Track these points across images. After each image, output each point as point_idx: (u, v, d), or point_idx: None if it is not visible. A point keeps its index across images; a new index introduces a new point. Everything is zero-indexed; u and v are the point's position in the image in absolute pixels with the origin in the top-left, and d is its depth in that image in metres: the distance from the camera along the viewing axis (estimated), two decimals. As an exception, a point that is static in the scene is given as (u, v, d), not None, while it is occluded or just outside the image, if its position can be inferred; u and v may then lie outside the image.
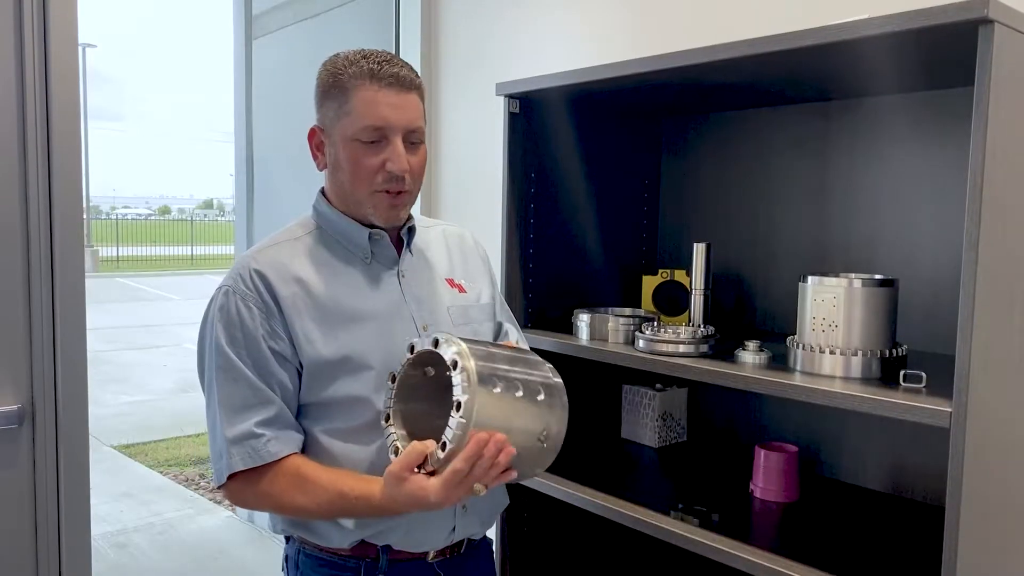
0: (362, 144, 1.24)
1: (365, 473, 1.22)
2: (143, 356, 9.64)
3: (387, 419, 1.18)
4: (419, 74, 1.29)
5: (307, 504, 1.20)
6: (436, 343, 1.12)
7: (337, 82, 1.25)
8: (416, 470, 1.09)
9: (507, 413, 1.10)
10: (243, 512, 4.32)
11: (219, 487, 1.23)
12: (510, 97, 1.70)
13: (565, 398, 1.20)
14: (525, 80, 1.65)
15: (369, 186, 1.26)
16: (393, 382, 1.19)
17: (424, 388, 1.21)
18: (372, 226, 1.31)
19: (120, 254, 24.96)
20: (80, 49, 1.76)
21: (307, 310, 1.24)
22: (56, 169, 1.65)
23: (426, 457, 1.08)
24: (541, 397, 1.15)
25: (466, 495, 1.09)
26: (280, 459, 1.20)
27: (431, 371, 1.19)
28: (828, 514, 1.51)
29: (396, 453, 1.14)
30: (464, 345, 1.10)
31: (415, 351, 1.17)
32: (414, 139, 1.26)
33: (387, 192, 1.26)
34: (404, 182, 1.25)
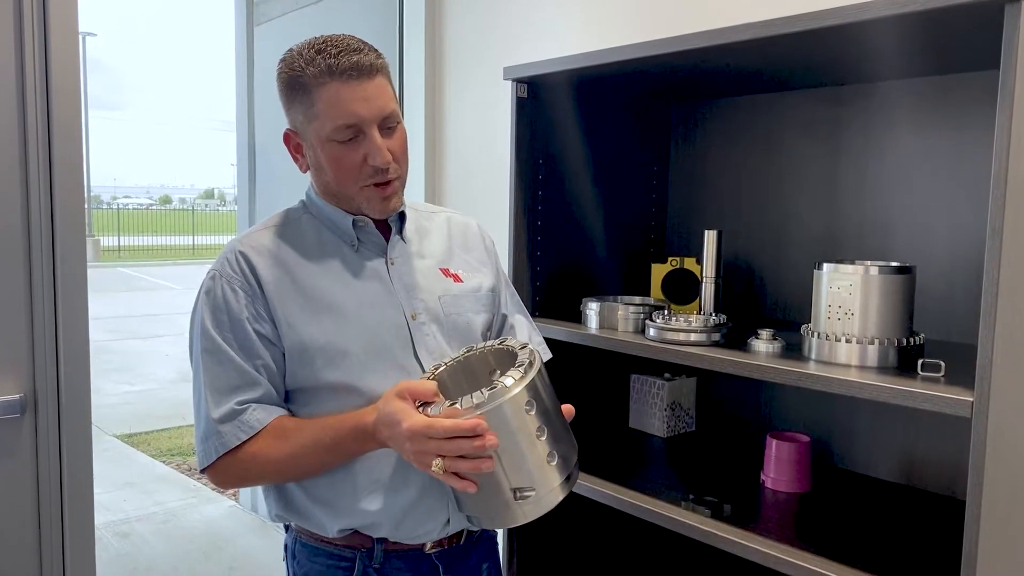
0: (339, 144, 1.21)
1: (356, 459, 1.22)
2: (145, 345, 9.65)
3: (437, 367, 1.18)
4: (379, 51, 1.24)
5: (293, 448, 1.18)
6: (524, 346, 1.13)
7: (298, 83, 1.21)
8: (418, 407, 1.08)
9: (516, 437, 1.05)
10: (247, 500, 4.32)
11: (205, 468, 1.22)
12: (518, 81, 1.67)
13: (567, 489, 1.12)
14: (533, 64, 1.62)
15: (356, 183, 1.24)
16: (469, 351, 1.21)
17: (481, 382, 1.19)
18: (358, 213, 1.29)
19: (121, 244, 24.99)
20: (80, 38, 1.73)
21: (290, 294, 1.23)
22: (57, 159, 1.64)
23: (431, 403, 1.07)
24: (553, 463, 1.09)
25: (425, 464, 1.05)
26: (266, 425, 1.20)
27: (497, 375, 1.16)
28: (841, 505, 1.49)
29: None
30: (539, 368, 1.08)
31: (504, 343, 1.18)
32: (389, 123, 1.23)
33: (375, 185, 1.24)
34: (390, 171, 1.24)
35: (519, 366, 1.07)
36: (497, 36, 2.47)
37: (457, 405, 1.03)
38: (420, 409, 1.08)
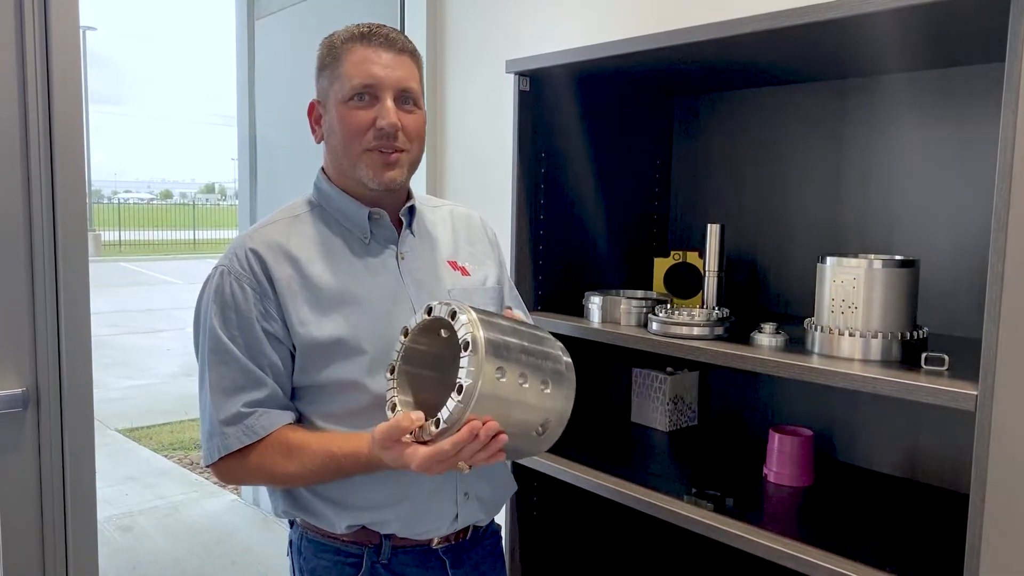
0: (354, 105, 1.23)
1: None
2: (146, 340, 9.65)
3: (391, 371, 1.17)
4: (416, 48, 1.30)
5: (298, 470, 1.19)
6: (453, 315, 1.09)
7: (330, 50, 1.27)
8: (408, 436, 1.07)
9: (508, 404, 1.07)
10: (248, 495, 4.33)
11: (208, 466, 1.23)
12: (520, 75, 1.67)
13: (573, 380, 1.17)
14: (536, 57, 1.62)
15: (360, 145, 1.23)
16: (405, 336, 1.17)
17: (434, 351, 1.19)
18: (372, 204, 1.28)
19: (122, 238, 24.98)
20: (81, 32, 1.73)
21: (301, 291, 1.22)
22: (58, 154, 1.63)
23: (420, 427, 1.06)
24: (548, 390, 1.12)
25: (451, 469, 1.07)
26: (270, 433, 1.20)
27: (445, 333, 1.15)
28: (843, 499, 1.49)
29: (393, 409, 1.13)
30: (481, 330, 1.06)
31: (432, 314, 1.14)
32: (407, 100, 1.24)
33: (380, 151, 1.23)
34: (396, 140, 1.23)
35: (464, 347, 1.05)
36: (499, 29, 2.46)
37: (443, 422, 1.04)
38: (413, 437, 1.07)
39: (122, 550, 3.82)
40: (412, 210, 1.33)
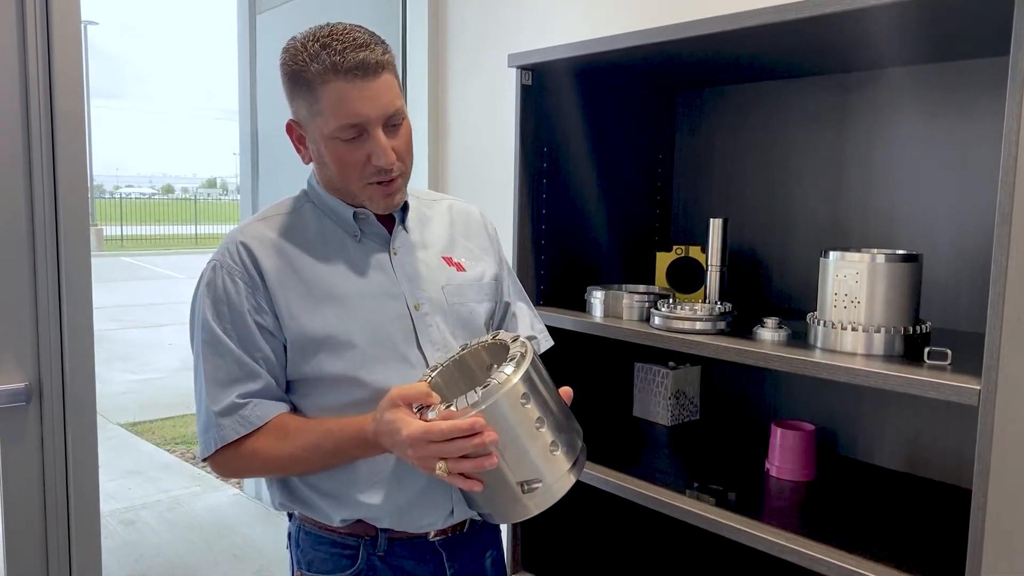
0: (342, 142, 1.19)
1: None
2: (148, 334, 9.66)
3: (434, 368, 1.18)
4: (386, 44, 1.21)
5: (293, 451, 1.19)
6: (516, 339, 1.12)
7: (301, 78, 1.18)
8: (415, 412, 1.08)
9: (516, 430, 1.05)
10: (250, 489, 4.34)
11: (206, 459, 1.23)
12: (522, 69, 1.66)
13: (579, 469, 1.12)
14: (538, 51, 1.61)
15: (360, 180, 1.22)
16: (463, 349, 1.21)
17: (478, 380, 1.19)
18: (361, 206, 1.28)
19: (124, 233, 24.99)
20: (82, 27, 1.73)
21: (292, 285, 1.23)
22: (60, 148, 1.63)
23: (428, 407, 1.07)
24: (557, 452, 1.09)
25: (429, 468, 1.06)
26: (266, 422, 1.20)
27: (494, 370, 1.15)
28: (845, 493, 1.49)
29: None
30: (532, 359, 1.07)
31: (496, 337, 1.17)
32: (394, 121, 1.21)
33: (378, 184, 1.23)
34: (393, 170, 1.22)
35: (511, 359, 1.06)
36: (501, 23, 2.45)
37: (453, 407, 1.03)
38: (418, 413, 1.07)
39: (125, 544, 3.83)
40: (406, 205, 1.33)
